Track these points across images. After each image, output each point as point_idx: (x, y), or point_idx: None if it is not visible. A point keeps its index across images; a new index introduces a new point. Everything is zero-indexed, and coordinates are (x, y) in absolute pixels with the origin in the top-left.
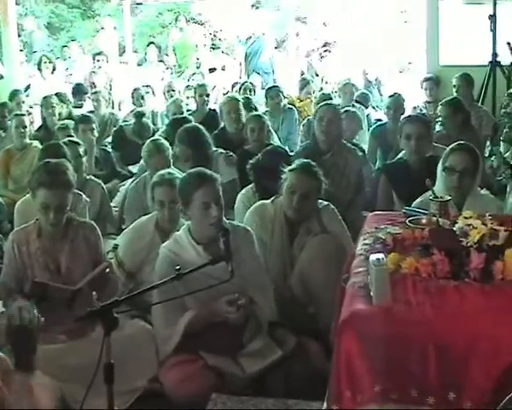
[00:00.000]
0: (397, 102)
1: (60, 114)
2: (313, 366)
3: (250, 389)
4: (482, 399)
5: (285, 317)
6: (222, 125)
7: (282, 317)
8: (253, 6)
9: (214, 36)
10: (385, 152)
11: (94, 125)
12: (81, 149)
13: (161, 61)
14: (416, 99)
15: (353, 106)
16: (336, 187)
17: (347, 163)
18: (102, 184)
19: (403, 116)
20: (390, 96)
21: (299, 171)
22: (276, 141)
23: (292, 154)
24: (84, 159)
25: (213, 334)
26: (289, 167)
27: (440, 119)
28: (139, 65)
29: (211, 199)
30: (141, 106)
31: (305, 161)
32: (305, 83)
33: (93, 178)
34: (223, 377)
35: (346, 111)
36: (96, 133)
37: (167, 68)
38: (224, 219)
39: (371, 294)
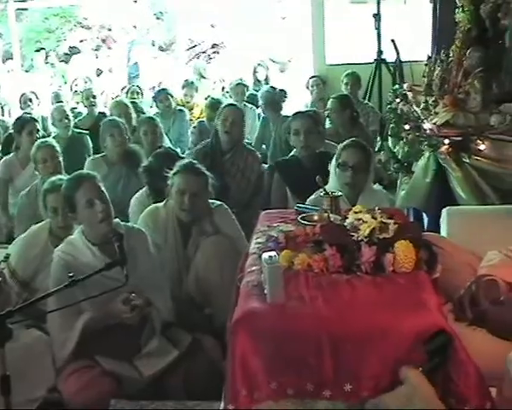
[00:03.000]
0: (268, 97)
1: None
2: (211, 362)
3: (149, 391)
4: (378, 388)
5: (182, 318)
6: None
7: (179, 318)
8: (154, 14)
9: (103, 40)
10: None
11: None
12: None
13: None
14: (304, 97)
15: (245, 106)
16: (236, 187)
17: (247, 164)
18: None
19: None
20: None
21: (185, 172)
22: (167, 143)
23: (184, 155)
24: None
25: (110, 338)
26: (173, 171)
27: (328, 112)
28: (27, 71)
29: (93, 196)
30: (28, 107)
31: (186, 161)
32: (185, 84)
33: None
34: (121, 381)
35: None
36: None
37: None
38: (119, 221)
39: (265, 292)
